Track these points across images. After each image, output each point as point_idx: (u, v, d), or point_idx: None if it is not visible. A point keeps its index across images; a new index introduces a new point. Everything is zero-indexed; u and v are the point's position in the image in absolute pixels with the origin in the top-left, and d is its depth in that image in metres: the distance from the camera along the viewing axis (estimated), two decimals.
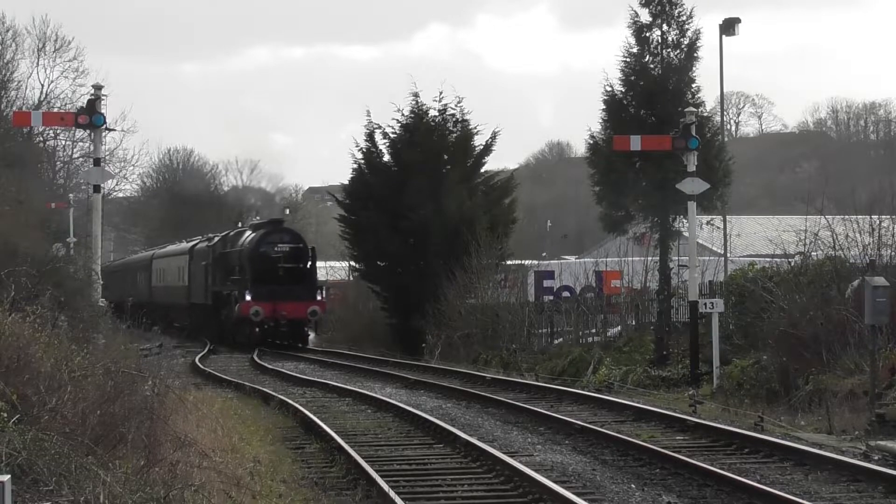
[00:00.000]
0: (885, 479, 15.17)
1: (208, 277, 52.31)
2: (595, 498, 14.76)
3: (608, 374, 30.32)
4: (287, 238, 48.14)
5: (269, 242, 47.29)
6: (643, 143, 29.67)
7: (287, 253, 47.13)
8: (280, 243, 47.34)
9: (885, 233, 27.07)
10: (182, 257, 58.97)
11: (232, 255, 50.06)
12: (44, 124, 48.76)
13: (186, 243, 61.72)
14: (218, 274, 50.88)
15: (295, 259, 47.26)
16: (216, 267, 51.22)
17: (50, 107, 56.90)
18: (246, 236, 49.68)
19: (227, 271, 49.86)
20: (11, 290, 17.35)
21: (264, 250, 47.06)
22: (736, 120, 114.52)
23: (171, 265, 62.03)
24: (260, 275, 46.40)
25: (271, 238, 47.54)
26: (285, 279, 46.49)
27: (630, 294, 37.54)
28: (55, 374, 13.39)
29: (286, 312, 45.67)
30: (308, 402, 25.95)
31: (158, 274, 65.67)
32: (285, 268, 46.66)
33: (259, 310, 45.36)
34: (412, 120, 45.82)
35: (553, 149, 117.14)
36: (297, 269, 47.14)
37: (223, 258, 50.90)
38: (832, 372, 23.14)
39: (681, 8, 32.88)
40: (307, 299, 46.25)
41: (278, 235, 47.97)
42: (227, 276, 49.65)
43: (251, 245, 47.76)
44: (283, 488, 14.77)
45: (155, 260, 67.53)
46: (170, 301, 61.66)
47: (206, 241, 55.45)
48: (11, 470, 10.23)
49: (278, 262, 46.66)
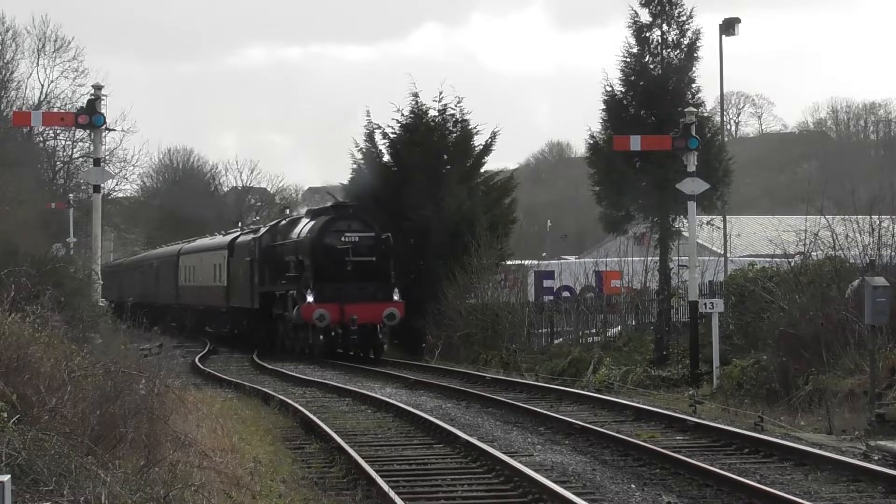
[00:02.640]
0: (885, 479, 15.17)
1: (254, 276, 44.58)
2: (595, 498, 14.76)
3: (608, 374, 30.32)
4: (356, 225, 39.93)
5: (335, 231, 39.59)
6: (643, 143, 29.66)
7: (357, 243, 39.36)
8: (348, 232, 39.51)
9: (884, 233, 27.08)
10: (218, 253, 51.18)
11: (286, 249, 42.32)
12: (44, 124, 48.81)
13: (222, 236, 54.81)
14: (268, 271, 43.36)
15: (367, 251, 39.43)
16: (265, 263, 43.64)
17: (50, 107, 56.93)
18: (303, 225, 41.68)
19: (281, 268, 42.17)
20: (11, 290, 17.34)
21: (329, 241, 39.40)
22: (736, 120, 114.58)
23: (205, 262, 53.98)
24: (324, 271, 39.14)
25: (337, 225, 39.78)
26: (355, 275, 39.08)
27: (630, 294, 37.54)
28: (55, 374, 13.40)
29: (357, 316, 38.14)
30: (308, 402, 25.96)
31: (187, 272, 58.14)
32: (355, 262, 39.03)
33: (325, 313, 37.98)
34: (412, 120, 45.80)
35: (553, 149, 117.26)
36: (370, 262, 39.29)
37: (274, 252, 43.31)
38: (832, 372, 23.14)
39: (681, 8, 32.88)
40: (382, 300, 38.85)
41: (345, 223, 39.95)
42: (281, 274, 42.07)
43: (312, 235, 39.83)
44: (282, 488, 14.78)
45: (182, 256, 59.60)
46: (202, 303, 54.47)
47: (249, 233, 48.17)
48: (11, 470, 10.23)
49: (346, 254, 39.03)
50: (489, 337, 37.82)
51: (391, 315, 38.61)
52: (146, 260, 70.33)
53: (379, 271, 39.32)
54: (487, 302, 38.93)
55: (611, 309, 37.36)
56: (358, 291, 38.73)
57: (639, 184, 32.35)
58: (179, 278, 59.02)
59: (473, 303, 38.88)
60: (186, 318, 57.97)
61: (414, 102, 45.84)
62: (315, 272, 39.19)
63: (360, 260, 39.06)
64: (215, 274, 51.17)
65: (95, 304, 25.68)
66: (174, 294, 59.63)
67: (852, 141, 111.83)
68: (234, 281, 47.89)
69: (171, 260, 61.33)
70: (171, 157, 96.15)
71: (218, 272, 50.68)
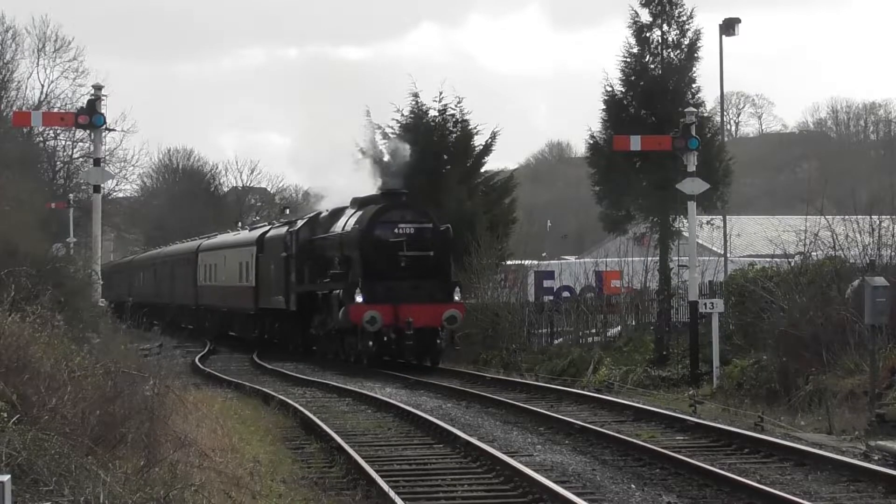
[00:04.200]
0: (885, 479, 15.17)
1: (290, 274, 39.80)
2: (595, 498, 14.76)
3: (608, 374, 30.32)
4: (410, 215, 35.29)
5: (386, 222, 34.90)
6: (643, 143, 29.67)
7: (412, 236, 34.79)
8: (401, 223, 34.86)
9: (884, 233, 27.09)
10: (245, 249, 46.53)
11: (329, 243, 37.81)
12: (44, 124, 48.93)
13: (249, 231, 50.72)
14: (307, 269, 38.58)
15: (423, 244, 34.76)
16: (303, 259, 38.94)
17: (50, 107, 56.99)
18: (349, 216, 36.94)
19: (323, 264, 37.63)
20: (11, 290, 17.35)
21: (380, 233, 34.82)
22: (736, 120, 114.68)
23: (229, 260, 49.15)
24: (374, 267, 34.54)
25: (389, 216, 35.07)
26: (410, 272, 34.55)
27: (630, 294, 37.54)
28: (55, 374, 13.40)
29: (413, 318, 33.58)
30: (308, 402, 25.96)
31: (207, 270, 53.38)
32: (410, 256, 34.51)
33: (376, 315, 33.36)
34: (412, 120, 45.82)
35: (553, 149, 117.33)
36: (427, 258, 34.65)
37: (314, 247, 38.86)
38: (832, 372, 23.14)
39: (681, 8, 32.90)
40: (441, 300, 34.30)
41: (398, 212, 35.26)
42: (323, 272, 37.51)
43: (360, 227, 35.15)
44: (282, 488, 14.78)
45: (202, 253, 54.85)
46: (225, 305, 49.84)
47: (282, 226, 43.24)
48: (11, 470, 10.23)
49: (400, 248, 34.45)
50: (489, 337, 37.82)
51: (452, 317, 34.00)
52: (159, 258, 66.23)
53: (437, 267, 34.78)
54: (487, 302, 38.92)
55: (611, 309, 37.35)
56: (413, 290, 34.29)
57: (639, 184, 32.35)
58: (198, 277, 54.47)
59: (473, 303, 38.86)
60: (207, 321, 54.01)
61: (414, 102, 45.90)
62: (364, 269, 34.64)
63: (415, 255, 34.54)
64: (241, 272, 46.64)
65: (95, 304, 25.68)
66: (192, 295, 55.40)
67: (852, 141, 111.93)
68: (264, 280, 43.36)
69: (189, 257, 57.02)
70: (171, 157, 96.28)
71: (245, 270, 46.22)
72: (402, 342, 33.81)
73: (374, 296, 33.82)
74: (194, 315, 56.54)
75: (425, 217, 35.44)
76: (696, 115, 29.89)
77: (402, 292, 34.07)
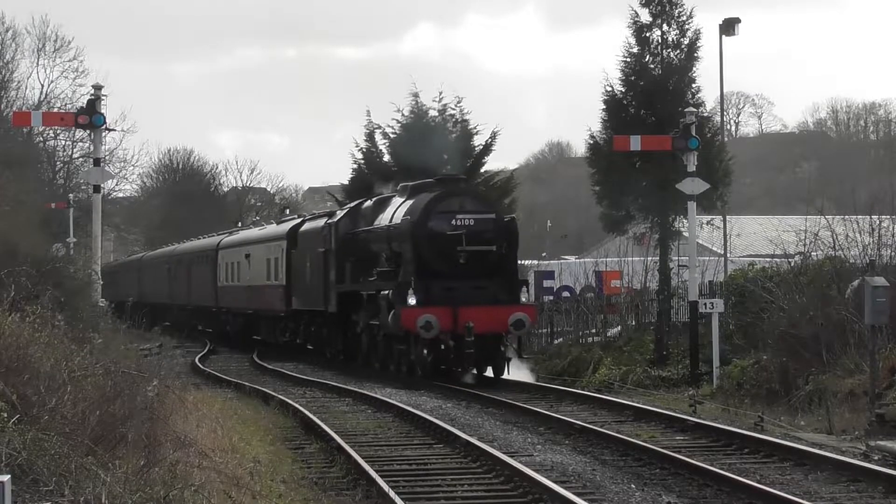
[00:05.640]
0: (885, 479, 15.17)
1: (329, 272, 35.45)
2: (595, 498, 14.76)
3: (608, 374, 30.34)
4: (470, 204, 30.77)
5: (443, 212, 30.36)
6: (643, 143, 29.68)
7: (472, 228, 30.16)
8: (460, 213, 30.28)
9: (884, 233, 27.13)
10: (274, 245, 42.76)
11: (374, 236, 33.44)
12: (44, 124, 48.87)
13: (277, 225, 46.48)
14: (349, 266, 34.17)
15: (485, 237, 30.23)
16: (345, 255, 34.51)
17: (50, 107, 56.95)
18: (397, 205, 32.38)
19: (368, 261, 33.28)
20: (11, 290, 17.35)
21: (435, 225, 30.29)
22: (736, 120, 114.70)
23: (255, 257, 45.17)
24: (429, 264, 30.25)
25: (445, 204, 30.52)
26: (470, 270, 30.07)
27: (630, 294, 37.56)
28: (55, 375, 13.39)
29: (475, 323, 29.01)
30: (308, 402, 25.96)
31: (229, 269, 49.42)
32: (470, 252, 29.94)
33: (432, 319, 29.00)
34: (412, 120, 45.84)
35: (553, 149, 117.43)
36: (489, 253, 30.19)
37: (357, 242, 34.38)
38: (832, 372, 23.15)
39: (681, 8, 32.96)
40: (507, 302, 29.99)
41: (456, 201, 30.69)
42: (367, 269, 33.12)
43: (413, 218, 30.60)
44: (282, 488, 14.77)
45: (222, 251, 50.92)
46: (251, 307, 45.96)
47: (319, 218, 39.10)
48: (11, 470, 10.23)
49: (458, 242, 29.90)
50: None
51: (519, 322, 29.50)
52: (174, 256, 62.20)
53: (501, 264, 30.53)
54: None
55: (611, 309, 37.38)
56: (475, 291, 29.96)
57: (639, 184, 32.38)
58: (219, 276, 50.75)
59: None
60: (228, 325, 50.45)
61: (414, 102, 45.92)
62: (417, 266, 30.24)
63: (476, 249, 30.01)
64: (270, 270, 42.85)
65: (95, 304, 25.68)
66: (211, 295, 51.57)
67: (852, 141, 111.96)
68: (298, 279, 39.34)
69: (208, 255, 53.07)
70: (170, 158, 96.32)
71: (273, 268, 42.45)
72: (462, 350, 29.24)
73: (429, 297, 29.67)
74: (214, 317, 53.24)
75: (487, 206, 31.30)
76: (696, 115, 29.90)
77: (461, 293, 29.75)
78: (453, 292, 29.69)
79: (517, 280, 31.03)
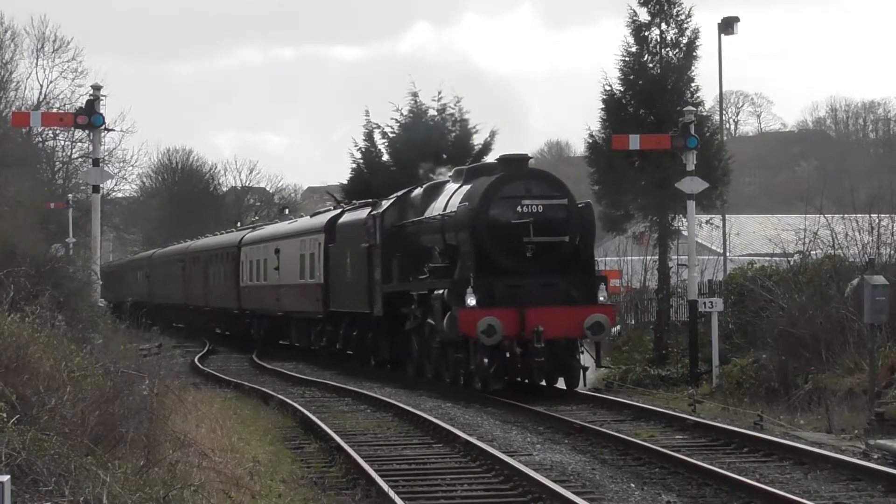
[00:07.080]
0: (885, 477, 15.18)
1: (374, 269, 31.19)
2: (594, 497, 14.76)
3: (607, 374, 30.32)
4: (538, 188, 26.68)
5: (506, 198, 26.38)
6: (642, 142, 29.65)
7: (540, 216, 26.27)
8: (526, 198, 26.33)
9: (884, 231, 27.13)
10: (309, 239, 38.51)
11: (426, 228, 29.35)
12: (43, 125, 48.82)
13: (311, 218, 41.99)
14: (397, 262, 29.74)
15: (556, 227, 26.39)
16: (391, 250, 30.18)
17: (49, 107, 56.95)
18: (451, 192, 28.47)
19: (418, 256, 29.04)
20: (11, 290, 17.36)
21: (498, 213, 26.37)
22: (735, 119, 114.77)
23: (285, 253, 41.04)
24: (491, 259, 26.38)
25: (508, 189, 26.54)
26: (539, 265, 26.32)
27: (629, 293, 37.55)
28: (55, 375, 13.40)
29: (545, 327, 25.21)
30: (307, 401, 25.97)
31: (253, 268, 45.33)
32: (539, 243, 26.13)
33: (495, 323, 25.16)
34: (411, 119, 45.87)
35: (552, 148, 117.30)
36: (561, 245, 26.43)
37: (405, 234, 30.38)
38: (831, 371, 23.16)
39: (679, 7, 32.91)
40: (581, 301, 26.24)
41: (521, 184, 26.64)
42: (418, 266, 28.88)
43: (471, 205, 26.68)
44: (282, 488, 14.78)
45: (245, 247, 46.84)
46: (280, 308, 41.77)
47: (361, 209, 34.37)
48: (11, 470, 10.23)
49: (525, 232, 26.05)
50: None
51: (597, 325, 25.71)
52: (188, 253, 58.18)
53: (575, 258, 26.79)
54: None
55: None
56: (544, 289, 26.19)
57: (638, 183, 32.35)
58: (241, 275, 46.73)
59: None
60: (253, 328, 46.44)
61: (413, 102, 45.93)
62: (477, 261, 26.28)
63: (546, 241, 26.16)
64: (304, 267, 38.74)
65: (95, 304, 25.68)
66: (233, 296, 47.65)
67: (851, 140, 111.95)
68: (337, 277, 35.11)
69: (229, 252, 49.06)
70: (169, 158, 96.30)
71: (308, 265, 38.27)
72: (530, 358, 25.36)
73: (491, 297, 25.90)
74: (236, 320, 49.04)
75: (558, 190, 26.93)
76: (695, 114, 29.88)
77: (528, 292, 25.98)
78: (519, 291, 26.03)
79: (594, 276, 27.15)
